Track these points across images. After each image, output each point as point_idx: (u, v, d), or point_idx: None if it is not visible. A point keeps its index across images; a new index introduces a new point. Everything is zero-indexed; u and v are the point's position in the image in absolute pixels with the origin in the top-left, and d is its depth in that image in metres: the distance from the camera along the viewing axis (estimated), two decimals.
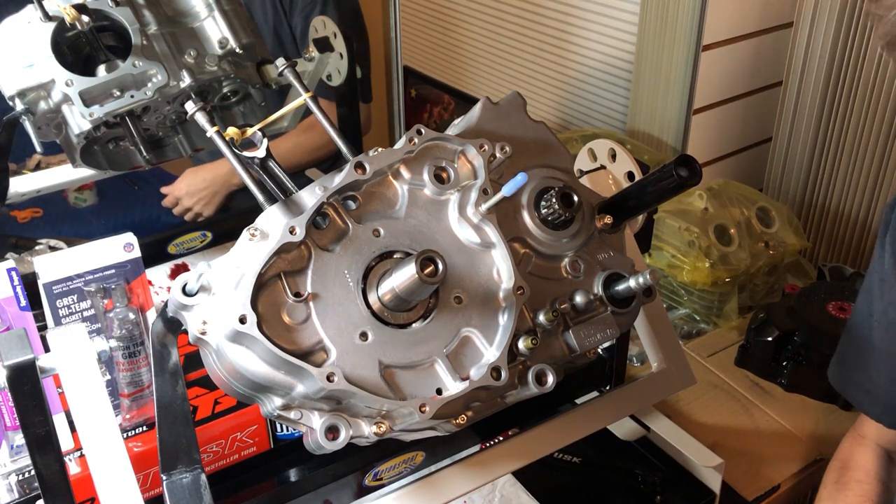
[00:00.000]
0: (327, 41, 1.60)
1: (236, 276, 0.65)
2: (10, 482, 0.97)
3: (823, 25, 1.66)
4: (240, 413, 1.02)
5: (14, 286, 0.95)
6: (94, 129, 1.11)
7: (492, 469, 0.95)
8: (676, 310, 1.57)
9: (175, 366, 0.80)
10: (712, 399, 1.35)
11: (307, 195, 0.70)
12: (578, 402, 1.12)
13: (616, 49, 1.94)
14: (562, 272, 0.78)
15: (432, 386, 0.68)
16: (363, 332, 0.67)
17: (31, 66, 1.08)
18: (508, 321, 0.71)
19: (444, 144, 0.76)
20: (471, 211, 0.73)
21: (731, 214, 1.54)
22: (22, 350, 0.66)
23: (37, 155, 2.71)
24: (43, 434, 0.68)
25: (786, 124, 1.80)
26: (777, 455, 1.24)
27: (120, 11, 1.11)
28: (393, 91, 2.90)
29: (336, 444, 0.66)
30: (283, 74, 0.81)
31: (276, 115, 0.87)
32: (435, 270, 0.64)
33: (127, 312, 1.05)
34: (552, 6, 2.07)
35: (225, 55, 1.18)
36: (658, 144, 1.84)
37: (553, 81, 2.16)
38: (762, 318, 1.39)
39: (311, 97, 0.79)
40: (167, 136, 1.30)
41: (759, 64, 1.82)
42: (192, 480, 0.78)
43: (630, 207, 0.81)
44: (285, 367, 0.64)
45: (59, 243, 1.47)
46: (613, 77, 1.98)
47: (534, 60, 2.20)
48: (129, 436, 1.00)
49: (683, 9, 1.67)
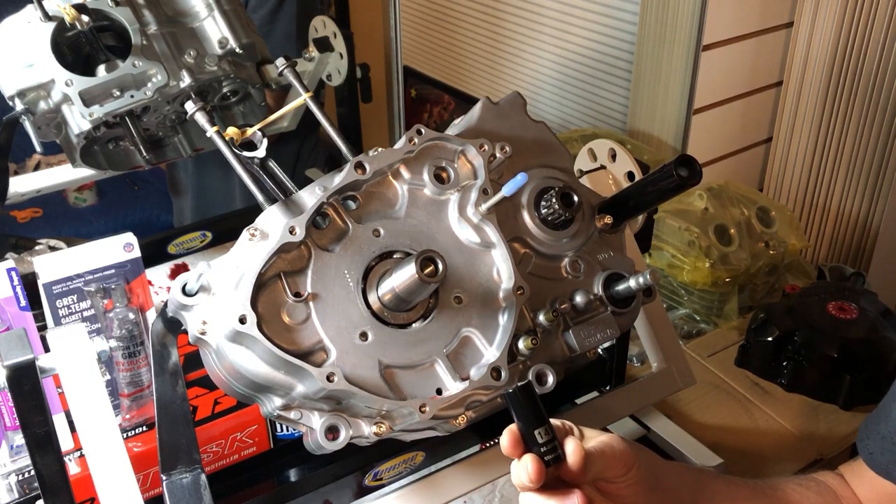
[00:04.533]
0: (327, 41, 1.60)
1: (236, 276, 0.65)
2: (10, 482, 0.97)
3: (823, 25, 1.66)
4: (240, 413, 1.02)
5: (14, 286, 0.95)
6: (94, 129, 1.11)
7: (492, 469, 0.95)
8: (676, 310, 1.57)
9: (175, 366, 0.80)
10: (712, 399, 1.35)
11: (307, 195, 0.70)
12: (578, 402, 1.12)
13: (616, 49, 1.94)
14: (562, 272, 0.78)
15: (432, 386, 0.68)
16: (363, 332, 0.67)
17: (31, 65, 1.08)
18: (508, 321, 0.71)
19: (445, 144, 0.76)
20: (471, 211, 0.73)
21: (731, 214, 1.54)
22: (22, 350, 0.66)
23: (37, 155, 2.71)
24: (43, 434, 0.68)
25: (786, 124, 1.80)
26: (777, 455, 1.24)
27: (120, 11, 1.11)
28: (393, 91, 2.90)
29: (336, 444, 0.66)
30: (283, 74, 0.81)
31: (276, 115, 0.87)
32: (435, 270, 0.64)
33: (127, 312, 1.05)
34: (552, 6, 2.07)
35: (225, 55, 1.18)
36: (658, 144, 1.84)
37: (553, 81, 2.16)
38: (762, 318, 1.39)
39: (311, 97, 0.79)
40: (167, 136, 1.30)
41: (759, 64, 1.82)
42: (192, 481, 0.78)
43: (630, 207, 0.81)
44: (285, 368, 0.64)
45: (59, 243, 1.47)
46: (613, 77, 1.97)
47: (534, 60, 2.20)
48: (129, 436, 1.00)
49: (683, 9, 1.67)
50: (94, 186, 3.12)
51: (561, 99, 2.16)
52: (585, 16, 1.98)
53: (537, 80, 2.21)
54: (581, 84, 2.08)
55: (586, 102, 2.08)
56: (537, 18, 2.13)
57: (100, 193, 3.16)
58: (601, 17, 1.94)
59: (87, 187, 3.10)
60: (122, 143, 1.26)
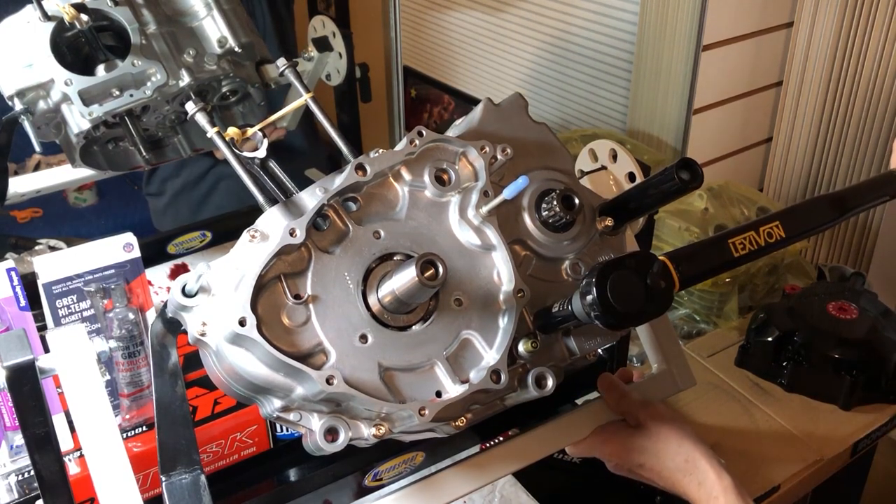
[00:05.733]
0: (326, 41, 1.60)
1: (236, 277, 0.65)
2: (9, 482, 0.97)
3: (823, 25, 1.66)
4: (239, 413, 1.02)
5: (14, 286, 0.95)
6: (94, 128, 1.11)
7: (492, 470, 0.95)
8: (676, 310, 1.57)
9: (174, 366, 0.80)
10: (712, 399, 1.35)
11: (307, 196, 0.70)
12: (578, 402, 1.12)
13: (616, 49, 1.94)
14: (562, 274, 0.78)
15: (432, 389, 0.68)
16: (363, 334, 0.67)
17: (30, 65, 1.08)
18: (508, 324, 0.71)
19: (445, 146, 0.76)
20: (471, 213, 0.73)
21: (732, 214, 1.54)
22: (21, 350, 0.66)
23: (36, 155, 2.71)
24: (42, 434, 0.68)
25: (786, 124, 1.80)
26: (777, 455, 1.24)
27: (119, 11, 1.11)
28: (393, 91, 2.90)
29: (335, 445, 0.66)
30: (284, 74, 0.81)
31: (276, 115, 0.87)
32: (435, 273, 0.64)
33: (126, 312, 1.05)
34: (552, 6, 2.07)
35: (224, 54, 1.18)
36: (658, 144, 1.84)
37: (553, 81, 2.16)
38: (762, 318, 1.39)
39: (311, 97, 0.79)
40: (167, 136, 1.30)
41: (759, 64, 1.82)
42: (192, 481, 0.78)
43: (631, 210, 0.81)
44: (285, 370, 0.64)
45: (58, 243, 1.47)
46: (613, 77, 1.97)
47: (534, 60, 2.20)
48: (129, 436, 1.00)
49: (683, 9, 1.67)
50: (94, 186, 3.12)
51: (561, 99, 2.15)
52: (585, 16, 1.98)
53: (537, 80, 2.21)
54: (581, 84, 2.08)
55: (586, 102, 2.08)
56: (537, 18, 2.13)
57: (100, 193, 3.17)
58: (601, 17, 1.94)
59: (87, 187, 3.10)
60: (121, 144, 1.26)
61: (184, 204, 2.03)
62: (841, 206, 0.80)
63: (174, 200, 2.04)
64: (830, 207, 0.80)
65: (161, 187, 2.05)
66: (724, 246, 0.72)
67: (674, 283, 0.67)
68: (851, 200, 0.82)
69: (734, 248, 0.72)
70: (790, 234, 0.75)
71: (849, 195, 0.82)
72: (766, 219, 0.75)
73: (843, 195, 0.82)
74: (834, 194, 0.82)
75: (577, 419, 1.00)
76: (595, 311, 0.63)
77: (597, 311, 0.63)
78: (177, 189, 2.02)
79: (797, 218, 0.77)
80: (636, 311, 0.64)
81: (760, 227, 0.74)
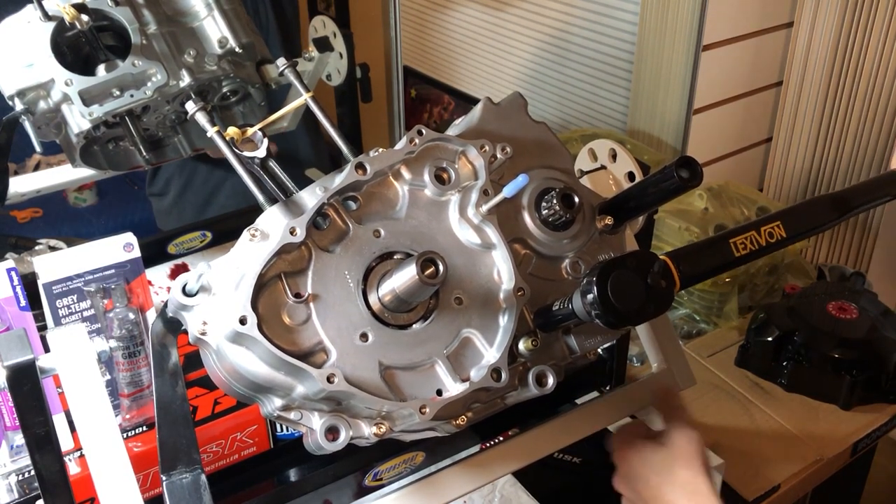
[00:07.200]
0: (326, 41, 1.60)
1: (236, 276, 0.65)
2: (10, 482, 0.97)
3: (823, 25, 1.66)
4: (240, 413, 1.02)
5: (14, 286, 0.95)
6: (94, 128, 1.11)
7: (492, 469, 0.95)
8: (676, 310, 1.57)
9: (175, 366, 0.80)
10: (712, 399, 1.35)
11: (308, 196, 0.70)
12: (578, 402, 1.12)
13: (616, 49, 1.94)
14: (562, 273, 0.78)
15: (432, 387, 0.68)
16: (363, 332, 0.67)
17: (31, 65, 1.08)
18: (509, 322, 0.71)
19: (445, 145, 0.76)
20: (471, 212, 0.73)
21: (731, 214, 1.55)
22: (22, 350, 0.66)
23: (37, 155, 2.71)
24: (43, 434, 0.68)
25: (786, 124, 1.80)
26: (777, 455, 1.24)
27: (119, 11, 1.11)
28: (393, 91, 2.90)
29: (336, 444, 0.66)
30: (284, 74, 0.81)
31: (276, 115, 0.87)
32: (435, 272, 0.64)
33: (127, 312, 1.05)
34: (552, 6, 2.07)
35: (224, 54, 1.18)
36: (658, 144, 1.84)
37: (553, 81, 2.16)
38: (762, 318, 1.39)
39: (311, 97, 0.79)
40: (167, 136, 1.30)
41: (759, 64, 1.82)
42: (192, 481, 0.78)
43: (631, 208, 0.81)
44: (285, 368, 0.64)
45: (59, 243, 1.47)
46: (613, 77, 1.98)
47: (534, 60, 2.20)
48: (129, 436, 1.00)
49: (683, 9, 1.67)
50: (94, 186, 3.12)
51: (561, 99, 2.16)
52: (585, 16, 1.99)
53: (537, 80, 2.21)
54: (581, 84, 2.08)
55: (586, 102, 2.08)
56: (537, 18, 2.13)
57: (100, 193, 3.17)
58: (601, 17, 1.94)
59: (87, 187, 3.10)
60: (121, 144, 1.26)
61: (188, 204, 2.03)
62: (842, 205, 0.80)
63: (178, 200, 2.04)
64: (832, 207, 0.80)
65: (165, 187, 2.05)
66: (726, 246, 0.72)
67: (675, 282, 0.67)
68: (853, 200, 0.82)
69: (735, 247, 0.72)
70: (791, 233, 0.75)
71: (850, 195, 0.82)
72: (767, 218, 0.75)
73: (845, 195, 0.82)
74: (835, 194, 0.82)
75: (577, 419, 1.00)
76: (595, 309, 0.63)
77: (597, 309, 0.63)
78: (181, 189, 2.02)
79: (798, 218, 0.77)
80: (636, 310, 0.64)
81: (761, 226, 0.74)
